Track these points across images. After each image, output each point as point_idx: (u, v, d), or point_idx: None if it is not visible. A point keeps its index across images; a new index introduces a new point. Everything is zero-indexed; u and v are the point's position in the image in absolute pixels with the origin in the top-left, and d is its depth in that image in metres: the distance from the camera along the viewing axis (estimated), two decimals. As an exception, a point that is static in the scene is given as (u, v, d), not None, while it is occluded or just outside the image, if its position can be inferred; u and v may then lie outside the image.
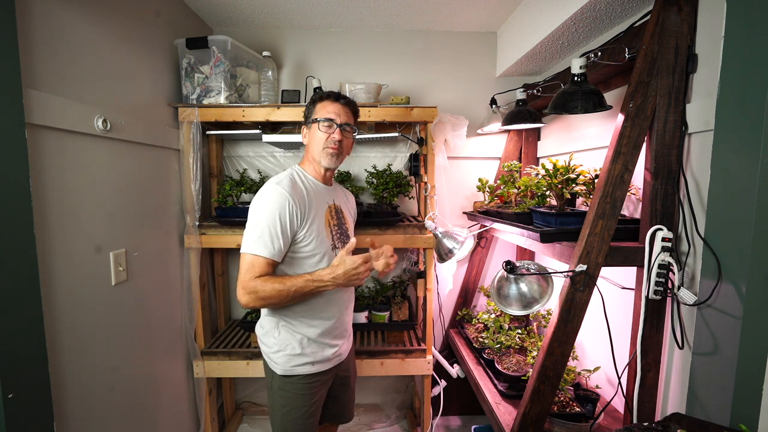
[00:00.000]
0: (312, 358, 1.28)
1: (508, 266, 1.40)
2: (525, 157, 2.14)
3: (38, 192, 1.05)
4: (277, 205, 1.18)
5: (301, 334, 1.27)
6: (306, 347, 1.27)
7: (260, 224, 1.17)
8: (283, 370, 1.27)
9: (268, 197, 1.19)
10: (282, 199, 1.18)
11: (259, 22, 2.08)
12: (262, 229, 1.17)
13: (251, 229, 1.19)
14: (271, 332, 1.29)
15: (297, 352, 1.27)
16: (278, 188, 1.20)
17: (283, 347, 1.27)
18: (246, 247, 1.18)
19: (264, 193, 1.21)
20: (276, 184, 1.21)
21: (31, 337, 1.01)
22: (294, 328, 1.27)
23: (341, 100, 1.31)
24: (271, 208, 1.18)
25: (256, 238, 1.17)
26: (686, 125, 1.13)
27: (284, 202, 1.18)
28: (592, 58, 1.37)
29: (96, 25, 1.29)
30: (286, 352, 1.27)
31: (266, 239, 1.17)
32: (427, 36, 2.19)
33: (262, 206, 1.19)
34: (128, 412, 1.43)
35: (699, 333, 1.07)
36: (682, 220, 1.14)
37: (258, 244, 1.17)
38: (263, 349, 1.32)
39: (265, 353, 1.32)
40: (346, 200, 1.49)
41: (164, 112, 1.71)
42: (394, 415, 2.31)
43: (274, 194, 1.19)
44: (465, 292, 2.27)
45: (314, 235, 1.25)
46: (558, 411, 1.39)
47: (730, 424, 0.95)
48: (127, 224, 1.44)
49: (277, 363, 1.27)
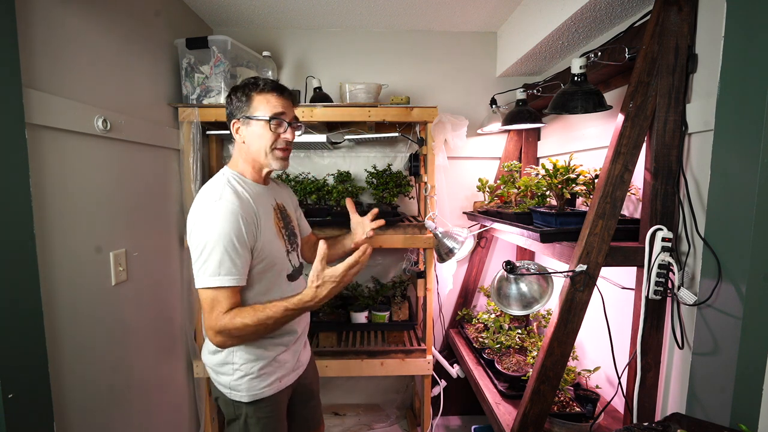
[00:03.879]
0: (279, 374, 1.16)
1: (508, 266, 1.40)
2: (525, 157, 2.14)
3: (38, 192, 1.05)
4: (227, 225, 1.00)
5: (262, 351, 1.13)
6: (270, 365, 1.14)
7: (215, 250, 0.99)
8: (251, 396, 1.13)
9: (213, 218, 1.01)
10: (231, 216, 1.01)
11: (259, 22, 2.08)
12: (218, 255, 0.99)
13: (203, 259, 1.00)
14: (226, 359, 1.13)
15: (263, 372, 1.13)
16: (222, 204, 1.02)
17: (246, 371, 1.12)
18: (203, 281, 1.00)
19: (206, 215, 1.02)
20: (217, 200, 1.02)
21: (31, 337, 1.01)
22: (253, 349, 1.12)
23: (286, 93, 1.13)
24: (221, 229, 1.00)
25: (215, 267, 0.99)
26: (686, 125, 1.13)
27: (235, 220, 1.01)
28: (592, 58, 1.37)
29: (96, 25, 1.29)
30: (251, 376, 1.12)
31: (228, 265, 1.00)
32: (427, 36, 2.19)
33: (209, 230, 1.00)
34: (128, 412, 1.43)
35: (699, 333, 1.07)
36: (682, 220, 1.14)
37: (218, 274, 1.00)
38: (220, 380, 1.15)
39: (224, 384, 1.14)
40: (286, 194, 1.35)
41: (164, 112, 1.71)
42: (394, 415, 2.31)
43: (220, 212, 1.01)
44: (465, 292, 2.27)
45: (269, 246, 1.11)
46: (558, 411, 1.39)
47: (730, 424, 0.95)
48: (127, 224, 1.44)
49: (242, 390, 1.12)
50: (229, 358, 1.13)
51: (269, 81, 1.13)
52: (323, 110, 1.75)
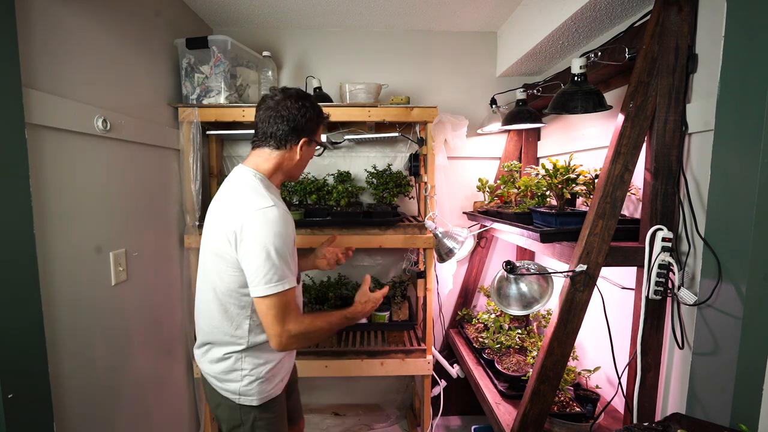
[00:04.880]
0: (282, 375, 1.21)
1: (508, 266, 1.40)
2: (525, 157, 2.14)
3: (38, 192, 1.05)
4: (287, 228, 1.04)
5: (269, 354, 1.15)
6: (275, 367, 1.16)
7: (280, 255, 1.01)
8: (261, 399, 1.14)
9: (273, 222, 1.02)
10: (286, 219, 1.05)
11: (259, 22, 2.08)
12: (284, 259, 1.02)
13: (270, 263, 1.00)
14: (234, 366, 1.13)
15: (270, 375, 1.15)
16: (278, 210, 1.04)
17: (256, 375, 1.13)
18: (269, 287, 1.01)
19: (265, 220, 1.02)
20: (272, 206, 1.03)
21: (31, 337, 1.01)
22: (261, 354, 1.14)
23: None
24: (283, 233, 1.03)
25: (283, 271, 1.02)
26: (686, 125, 1.13)
27: (290, 222, 1.06)
28: (592, 58, 1.37)
29: (96, 25, 1.29)
30: (260, 380, 1.13)
31: (293, 267, 1.05)
32: (427, 36, 2.19)
33: (271, 235, 1.01)
34: (128, 412, 1.43)
35: (699, 333, 1.07)
36: (682, 220, 1.14)
37: (285, 277, 1.02)
38: (229, 388, 1.13)
39: (234, 391, 1.13)
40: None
41: (164, 112, 1.71)
42: (394, 415, 2.31)
43: (279, 217, 1.03)
44: (465, 292, 2.27)
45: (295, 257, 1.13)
46: (558, 411, 1.39)
47: (730, 424, 0.95)
48: (127, 224, 1.44)
49: (253, 395, 1.13)
50: (237, 365, 1.12)
51: (326, 113, 1.22)
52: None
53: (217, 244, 1.08)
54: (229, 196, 1.11)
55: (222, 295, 1.10)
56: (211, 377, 1.17)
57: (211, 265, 1.11)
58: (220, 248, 1.07)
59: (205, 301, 1.14)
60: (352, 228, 1.75)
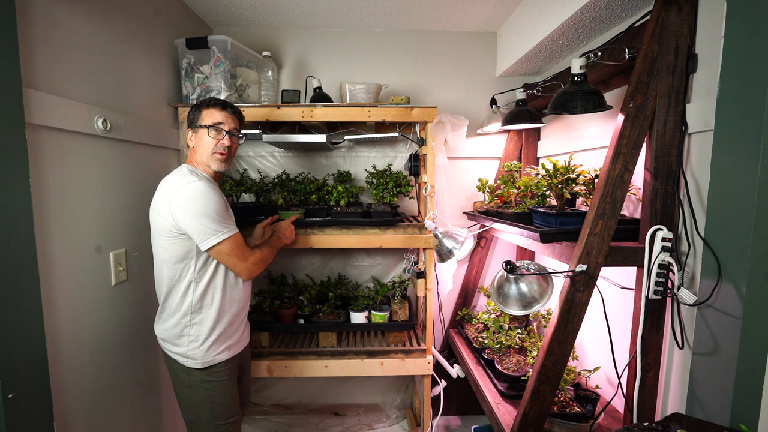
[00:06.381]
0: (228, 343, 1.36)
1: (508, 266, 1.40)
2: (525, 157, 2.13)
3: (38, 192, 1.05)
4: (213, 193, 1.24)
5: (213, 322, 1.31)
6: (221, 335, 1.33)
7: (216, 212, 1.23)
8: (204, 363, 1.31)
9: (200, 192, 1.22)
10: (211, 188, 1.25)
11: (259, 22, 2.08)
12: (221, 214, 1.24)
13: (208, 219, 1.22)
14: (182, 332, 1.30)
15: (213, 340, 1.31)
16: (200, 182, 1.23)
17: (200, 340, 1.30)
18: (218, 235, 1.24)
19: (193, 193, 1.22)
20: (194, 181, 1.23)
21: (31, 337, 1.01)
22: (206, 320, 1.31)
23: (228, 108, 1.35)
24: (211, 197, 1.23)
25: (221, 220, 1.24)
26: (686, 125, 1.13)
27: (214, 189, 1.26)
28: (592, 58, 1.37)
29: (96, 25, 1.29)
30: (205, 345, 1.30)
31: (232, 218, 1.30)
32: (427, 36, 2.19)
33: (202, 200, 1.21)
34: (128, 412, 1.43)
35: (699, 333, 1.07)
36: (682, 220, 1.14)
37: (229, 225, 1.27)
38: (174, 350, 1.32)
39: (178, 353, 1.31)
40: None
41: (164, 112, 1.71)
42: (394, 415, 2.31)
43: (202, 187, 1.22)
44: (465, 292, 2.27)
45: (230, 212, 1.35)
46: (558, 411, 1.39)
47: (730, 424, 0.95)
48: (127, 224, 1.44)
49: (196, 357, 1.30)
50: (185, 331, 1.31)
51: (214, 99, 1.37)
52: (323, 110, 1.75)
53: (159, 222, 1.26)
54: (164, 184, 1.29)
55: (168, 265, 1.28)
56: (163, 340, 1.35)
57: (159, 241, 1.28)
58: (162, 224, 1.25)
59: (159, 276, 1.32)
60: (352, 228, 1.75)
